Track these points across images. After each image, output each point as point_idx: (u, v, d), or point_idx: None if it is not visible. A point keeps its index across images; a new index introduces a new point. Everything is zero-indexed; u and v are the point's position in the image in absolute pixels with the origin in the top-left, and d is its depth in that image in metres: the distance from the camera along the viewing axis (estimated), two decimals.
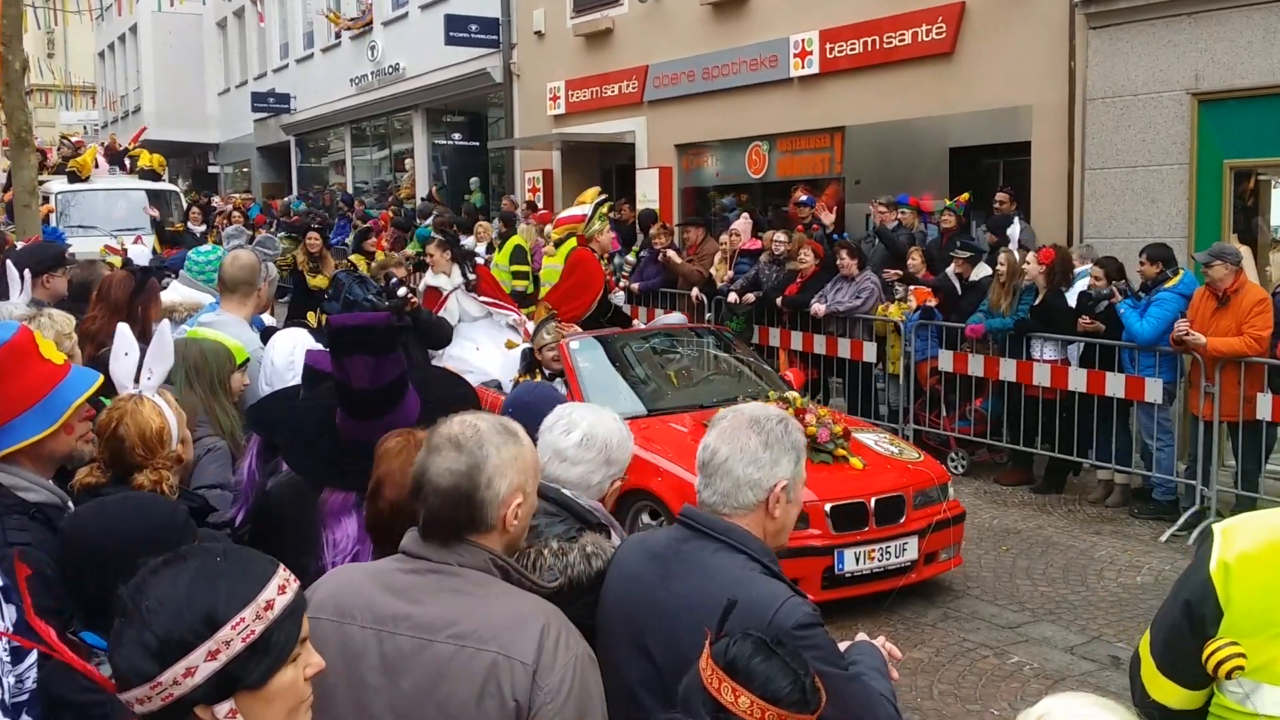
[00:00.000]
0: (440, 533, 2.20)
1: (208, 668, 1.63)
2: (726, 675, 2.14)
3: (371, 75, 25.66)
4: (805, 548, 6.45)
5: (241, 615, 1.66)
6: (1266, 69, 9.40)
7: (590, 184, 19.09)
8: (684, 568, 2.53)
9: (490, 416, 2.29)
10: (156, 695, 1.62)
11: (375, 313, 3.40)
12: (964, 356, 9.68)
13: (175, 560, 1.71)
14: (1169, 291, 8.47)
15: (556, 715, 2.06)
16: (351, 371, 2.95)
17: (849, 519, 6.70)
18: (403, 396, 3.01)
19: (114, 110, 43.22)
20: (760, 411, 2.62)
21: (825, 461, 6.93)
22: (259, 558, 1.78)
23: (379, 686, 2.12)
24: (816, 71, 13.99)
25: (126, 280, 5.26)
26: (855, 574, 6.71)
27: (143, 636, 1.62)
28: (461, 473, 2.18)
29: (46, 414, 2.92)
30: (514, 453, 2.23)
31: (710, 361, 9.19)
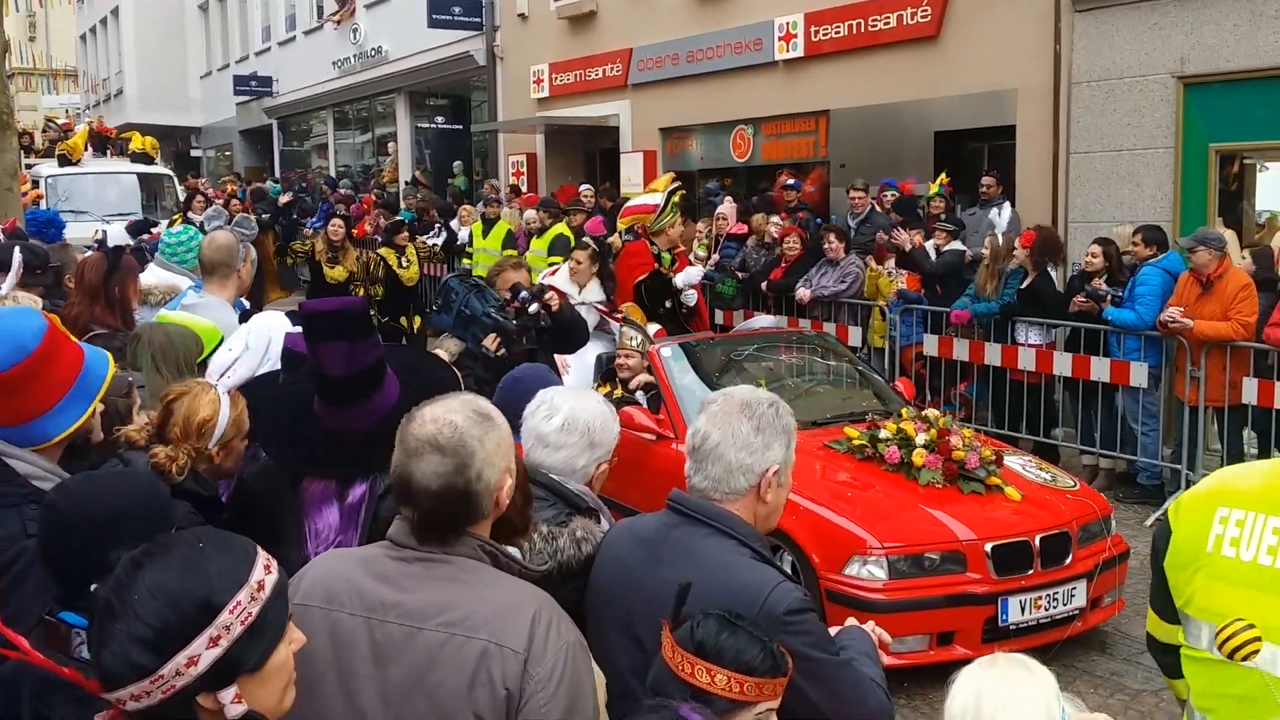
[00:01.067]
0: (438, 532, 2.17)
1: (210, 655, 1.61)
2: (698, 657, 2.15)
3: (354, 58, 25.49)
4: (964, 595, 5.58)
5: (237, 599, 1.65)
6: (1252, 52, 9.41)
7: (573, 167, 19.13)
8: (673, 553, 2.52)
9: (460, 404, 2.23)
10: (157, 689, 1.60)
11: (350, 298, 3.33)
12: (949, 341, 9.68)
13: (157, 551, 1.69)
14: (1152, 267, 8.49)
15: (548, 704, 2.03)
16: (326, 358, 2.88)
17: (1011, 561, 5.73)
18: (381, 382, 2.95)
19: (96, 94, 42.88)
20: (751, 395, 2.61)
21: (977, 492, 6.07)
22: (238, 539, 1.77)
23: (368, 674, 2.10)
24: (801, 55, 13.95)
25: (99, 262, 5.19)
26: (1020, 625, 5.72)
27: (135, 630, 1.59)
28: (450, 473, 2.13)
29: (83, 396, 2.97)
30: (495, 439, 2.20)
31: (818, 371, 8.25)
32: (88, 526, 2.34)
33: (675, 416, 6.94)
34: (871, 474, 6.26)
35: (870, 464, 6.33)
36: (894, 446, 6.28)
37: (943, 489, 6.09)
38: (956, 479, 6.11)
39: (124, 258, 5.28)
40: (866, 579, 5.56)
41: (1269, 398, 7.81)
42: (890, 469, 6.24)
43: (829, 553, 5.70)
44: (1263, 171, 10.28)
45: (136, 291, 5.25)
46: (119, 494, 2.45)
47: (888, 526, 5.75)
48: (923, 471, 6.14)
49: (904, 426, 6.38)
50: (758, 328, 9.14)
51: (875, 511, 5.93)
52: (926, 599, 5.53)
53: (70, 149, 18.77)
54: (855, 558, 5.61)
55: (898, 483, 6.16)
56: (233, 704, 1.64)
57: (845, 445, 6.48)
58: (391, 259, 12.27)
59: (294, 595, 2.17)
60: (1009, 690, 2.04)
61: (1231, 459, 8.24)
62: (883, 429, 6.45)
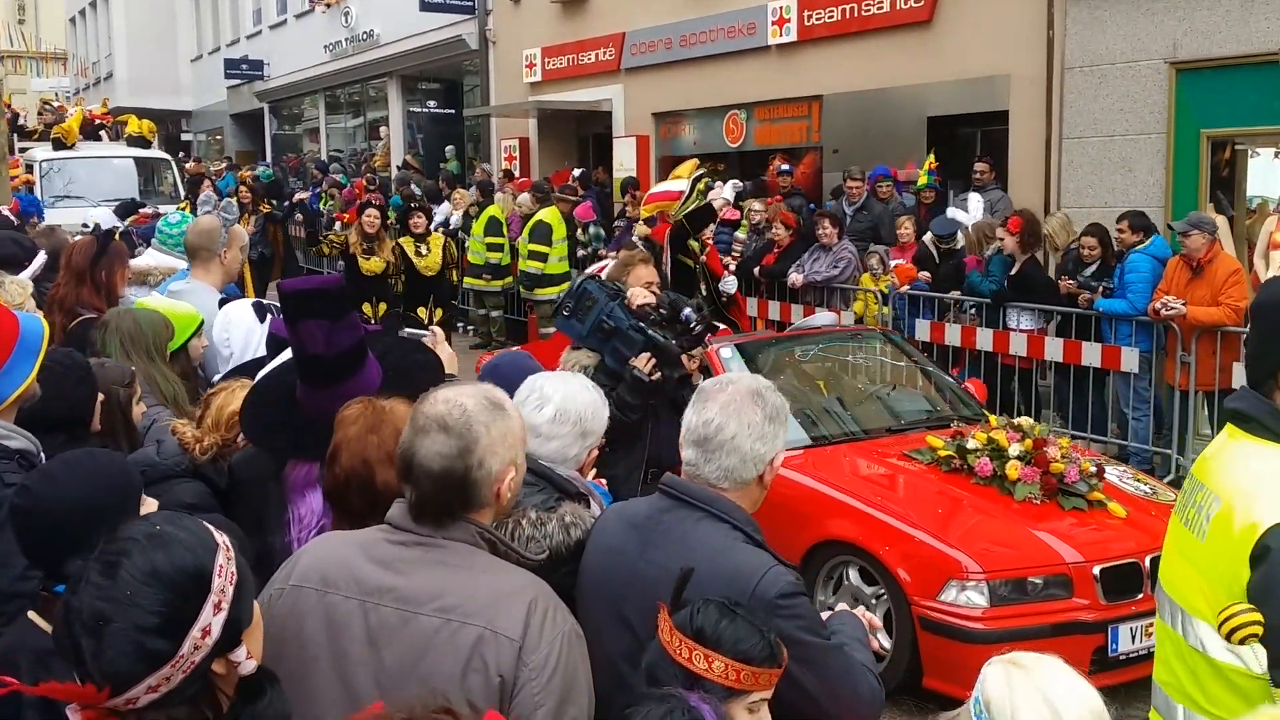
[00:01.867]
0: (434, 514, 2.17)
1: (219, 620, 1.64)
2: (696, 643, 2.15)
3: (345, 42, 25.36)
4: (1072, 624, 5.12)
5: (219, 561, 1.68)
6: (1245, 38, 9.40)
7: (566, 152, 19.07)
8: (665, 538, 2.51)
9: (475, 390, 2.24)
10: (178, 670, 1.61)
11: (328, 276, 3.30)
12: (941, 326, 9.68)
13: (123, 545, 1.67)
14: (1140, 254, 8.50)
15: (541, 691, 2.03)
16: (305, 337, 2.88)
17: (1120, 585, 5.27)
18: (362, 364, 2.94)
19: (86, 77, 42.62)
20: (756, 382, 2.60)
21: (1079, 508, 5.58)
22: (178, 515, 1.80)
23: (362, 658, 2.10)
24: (794, 39, 13.90)
25: (89, 245, 5.20)
26: (1130, 655, 5.21)
27: (140, 621, 1.59)
28: (453, 455, 2.14)
29: (26, 356, 3.01)
30: (503, 429, 2.19)
31: (885, 371, 7.78)
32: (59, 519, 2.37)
33: None
34: (961, 488, 5.77)
35: (957, 476, 5.85)
36: (985, 458, 5.78)
37: (1041, 505, 5.59)
38: (1056, 494, 5.63)
39: (113, 243, 5.28)
40: (965, 605, 5.11)
41: None
42: (981, 482, 5.75)
43: (922, 577, 5.24)
44: (1254, 157, 10.27)
45: (124, 277, 5.25)
46: (81, 482, 2.47)
47: (987, 548, 5.29)
48: (1019, 486, 5.64)
49: (995, 436, 5.90)
50: (817, 325, 8.34)
51: (972, 531, 5.48)
52: (1031, 628, 4.99)
53: (65, 132, 18.34)
54: (952, 583, 5.15)
55: (991, 498, 5.68)
56: (247, 660, 1.69)
57: (929, 455, 5.99)
58: (409, 248, 11.55)
59: (290, 578, 2.20)
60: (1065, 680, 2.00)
61: None
62: (970, 438, 5.95)
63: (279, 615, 2.15)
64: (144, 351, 4.10)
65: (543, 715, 2.03)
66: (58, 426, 3.21)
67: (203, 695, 1.67)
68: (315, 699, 2.10)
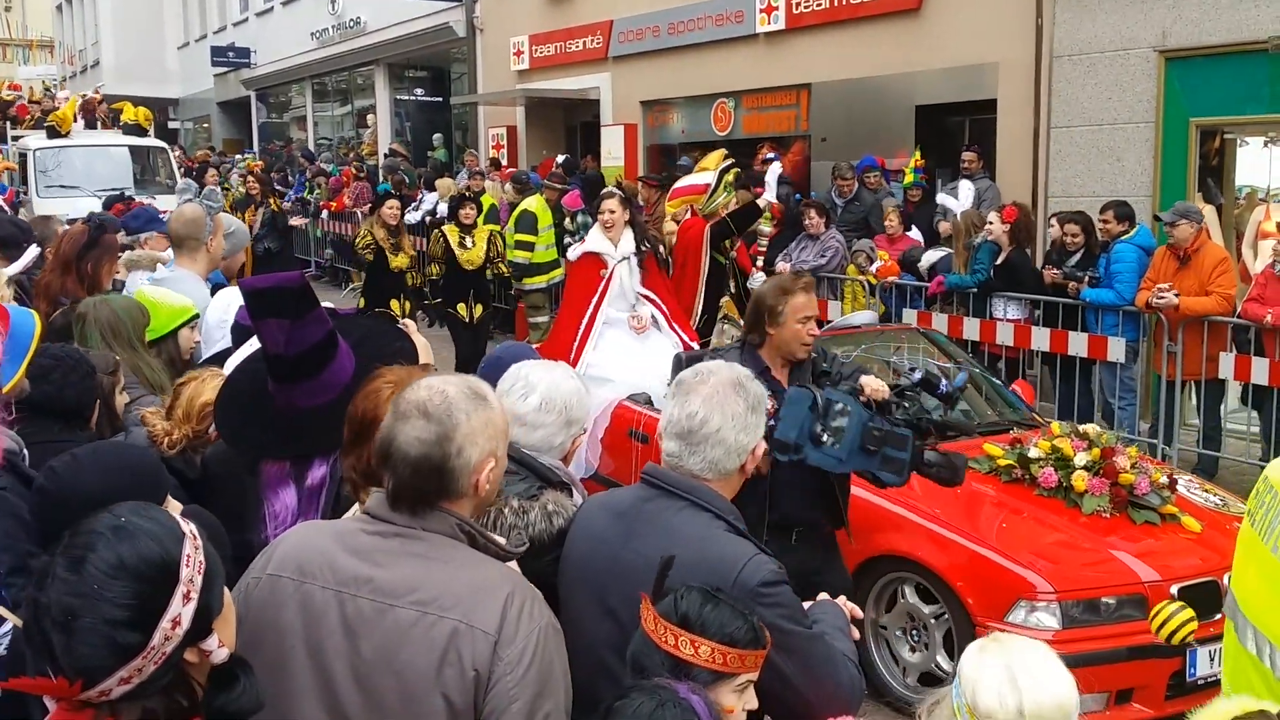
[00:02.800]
0: (411, 502, 2.16)
1: (189, 610, 1.64)
2: (682, 629, 2.16)
3: (332, 29, 25.26)
4: (1149, 646, 4.56)
5: (185, 551, 1.67)
6: (1234, 26, 9.38)
7: (553, 140, 19.02)
8: (647, 526, 2.51)
9: (459, 379, 2.23)
10: (149, 661, 1.60)
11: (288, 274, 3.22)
12: (928, 316, 9.68)
13: (86, 538, 1.66)
14: (1126, 244, 8.50)
15: (516, 686, 2.02)
16: (266, 336, 2.83)
17: (1199, 605, 4.86)
18: (331, 357, 2.89)
19: (73, 65, 42.43)
20: (734, 371, 2.61)
21: (1151, 522, 5.25)
22: (141, 504, 1.78)
23: (339, 649, 2.08)
24: (783, 27, 13.86)
25: (79, 235, 5.18)
26: (1209, 679, 4.86)
27: (111, 615, 1.58)
28: (431, 441, 2.12)
29: (15, 354, 2.96)
30: (484, 418, 2.17)
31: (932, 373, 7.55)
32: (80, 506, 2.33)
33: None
34: (1024, 500, 5.43)
35: (1018, 487, 5.51)
36: (1050, 468, 5.44)
37: (1110, 519, 5.27)
38: (1126, 507, 5.29)
39: (105, 235, 5.26)
40: (1035, 628, 4.75)
41: (1245, 372, 7.84)
42: (1045, 494, 5.41)
43: (989, 597, 4.91)
44: (1243, 146, 10.27)
45: (112, 270, 5.23)
46: (109, 473, 2.46)
47: (1058, 566, 4.97)
48: (1086, 498, 5.31)
49: (1059, 444, 5.56)
50: (856, 324, 7.80)
51: (1041, 548, 5.12)
52: (1105, 651, 4.71)
53: (59, 120, 17.89)
54: (1021, 603, 4.84)
55: (1056, 510, 5.35)
56: (219, 649, 1.68)
57: (987, 464, 5.61)
58: (453, 237, 10.75)
59: (267, 566, 2.19)
60: (1039, 662, 2.04)
61: (1209, 433, 8.28)
62: (1033, 446, 5.60)
63: (256, 604, 2.14)
64: (125, 341, 4.09)
65: (518, 709, 2.02)
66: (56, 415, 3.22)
67: (176, 684, 1.66)
68: (292, 688, 2.09)
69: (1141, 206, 9.50)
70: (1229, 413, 8.74)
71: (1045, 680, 2.01)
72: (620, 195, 8.40)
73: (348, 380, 2.86)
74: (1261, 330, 7.74)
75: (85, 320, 4.10)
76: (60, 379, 3.20)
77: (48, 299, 4.91)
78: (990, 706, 2.00)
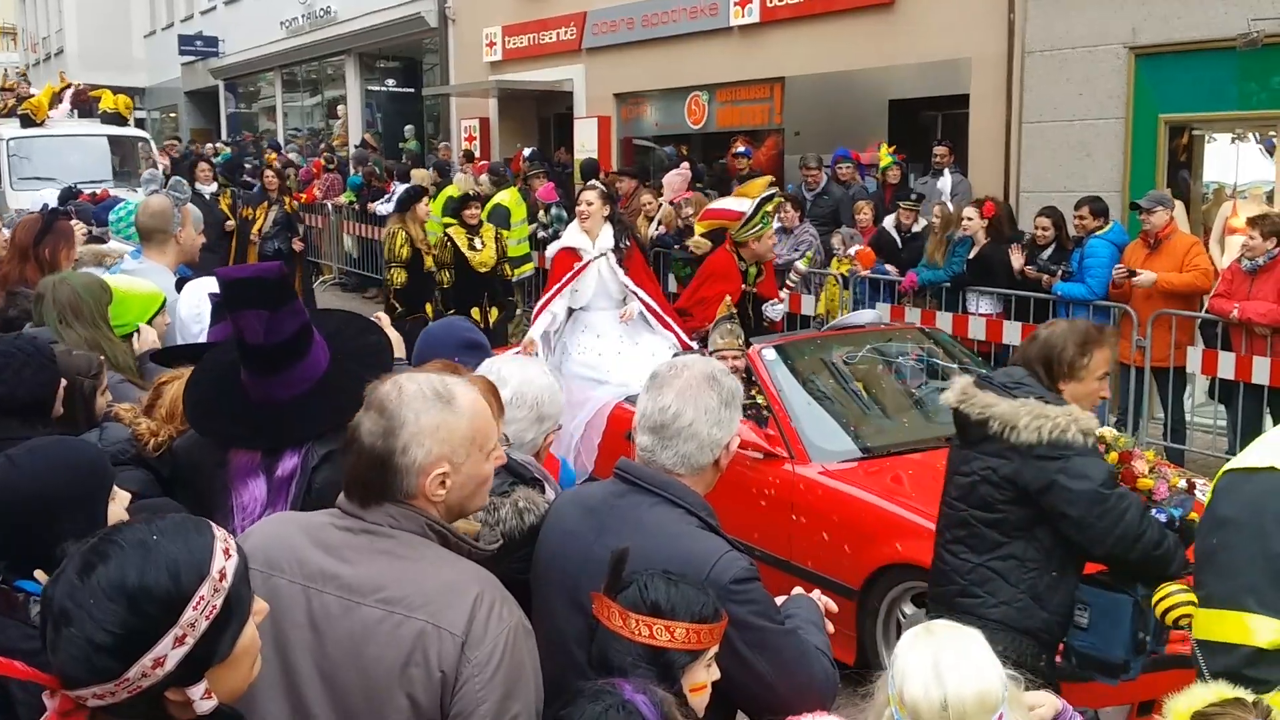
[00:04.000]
0: (359, 494, 2.14)
1: (177, 654, 1.55)
2: (654, 617, 2.16)
3: (302, 18, 25.05)
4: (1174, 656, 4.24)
5: (200, 593, 1.57)
6: (1204, 23, 9.45)
7: (526, 132, 18.94)
8: (619, 522, 2.49)
9: (427, 379, 2.19)
10: (123, 690, 1.53)
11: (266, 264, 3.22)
12: (901, 310, 9.70)
13: (107, 546, 1.57)
14: (1099, 239, 8.57)
15: (484, 688, 2.00)
16: (244, 327, 2.81)
17: None
18: (307, 349, 2.87)
19: (35, 52, 41.93)
20: (709, 365, 2.59)
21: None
22: (194, 523, 1.66)
23: (304, 643, 2.07)
24: (757, 21, 13.87)
25: (33, 222, 5.12)
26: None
27: (94, 636, 1.51)
28: (377, 435, 2.11)
29: None
30: (437, 420, 2.12)
31: (939, 375, 6.94)
32: (23, 507, 2.32)
33: (788, 432, 5.80)
34: None
35: None
36: None
37: None
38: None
39: (59, 221, 5.19)
40: None
41: (1212, 366, 7.91)
42: None
43: None
44: (1211, 143, 10.36)
45: (70, 256, 5.16)
46: (47, 471, 2.41)
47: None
48: None
49: None
50: (861, 324, 7.39)
51: None
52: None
53: (34, 108, 17.00)
54: None
55: None
56: (202, 700, 1.58)
57: None
58: (460, 239, 10.15)
59: None
60: (963, 654, 2.05)
61: (1174, 426, 8.34)
62: None
63: None
64: (88, 320, 4.01)
65: (485, 710, 2.00)
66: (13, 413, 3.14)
67: (156, 715, 1.60)
68: (254, 683, 2.03)
69: (1111, 202, 9.55)
70: (1196, 406, 8.81)
71: (969, 672, 2.02)
72: (600, 189, 8.17)
73: (322, 372, 2.84)
74: (1228, 325, 7.81)
75: (43, 300, 4.02)
76: (12, 376, 3.12)
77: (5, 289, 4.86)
78: (915, 697, 2.01)
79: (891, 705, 2.07)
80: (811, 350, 6.78)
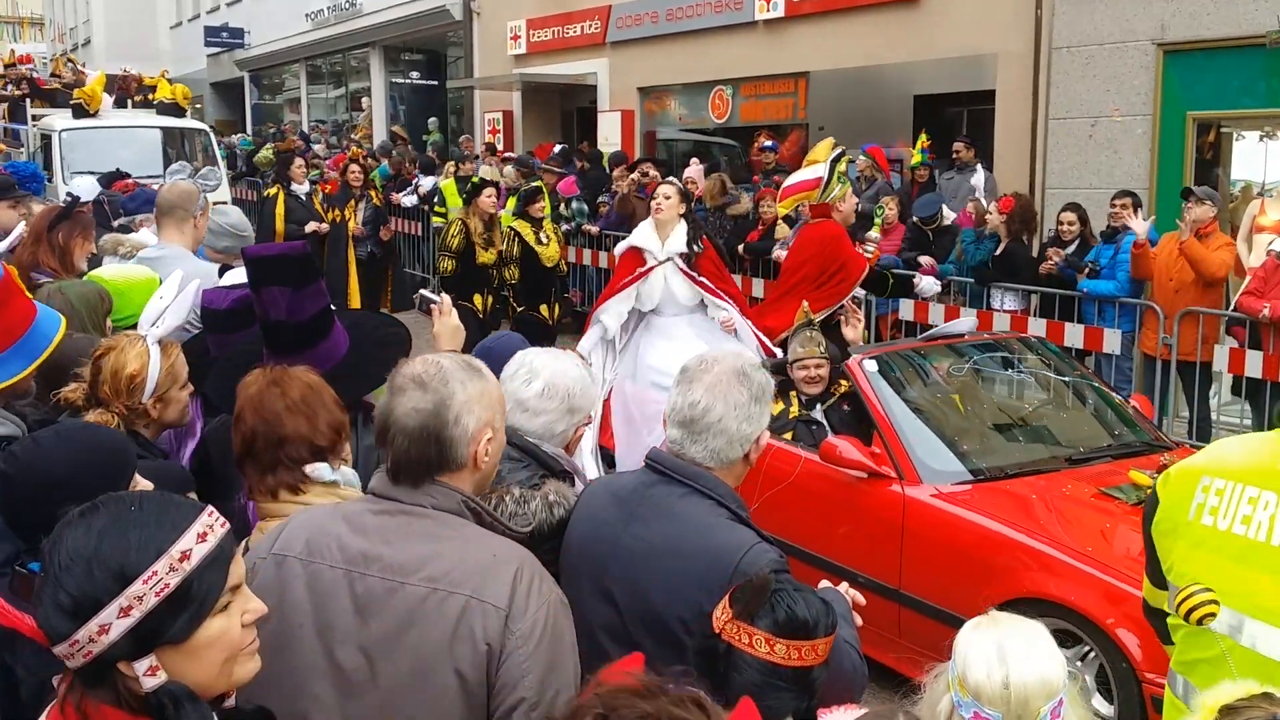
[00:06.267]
0: (411, 474, 2.17)
1: (121, 624, 1.57)
2: (802, 639, 2.12)
3: (328, 10, 25.12)
4: None
5: (154, 568, 1.59)
6: (1232, 20, 9.39)
7: (550, 126, 18.94)
8: (651, 511, 2.51)
9: (453, 355, 2.26)
10: (77, 652, 1.58)
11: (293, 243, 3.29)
12: (925, 306, 9.67)
13: (89, 512, 1.64)
14: (1131, 235, 8.52)
15: (528, 659, 2.04)
16: (269, 303, 2.89)
17: None
18: (328, 332, 2.94)
19: (63, 43, 42.16)
20: (739, 361, 2.60)
21: None
22: (179, 504, 1.70)
23: (348, 628, 2.10)
24: (781, 15, 13.84)
25: (52, 209, 5.18)
26: None
27: (58, 596, 1.57)
28: (428, 411, 2.15)
29: (26, 352, 2.95)
30: (480, 388, 2.21)
31: (1051, 386, 6.43)
32: (39, 489, 2.34)
33: (896, 450, 5.31)
34: None
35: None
36: None
37: None
38: None
39: (76, 210, 5.23)
40: None
41: (1240, 365, 7.87)
42: None
43: (1159, 650, 4.12)
44: (1239, 140, 10.29)
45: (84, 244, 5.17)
46: (67, 455, 2.43)
47: None
48: None
49: None
50: (959, 332, 6.66)
51: None
52: None
53: (88, 97, 15.94)
54: None
55: None
56: (146, 675, 1.59)
57: (1134, 494, 4.91)
58: (527, 234, 9.84)
59: (273, 547, 2.20)
60: (1029, 641, 2.08)
61: (1200, 424, 8.30)
62: None
63: (260, 586, 2.12)
64: (79, 328, 4.01)
65: (529, 682, 2.03)
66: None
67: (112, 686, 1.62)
68: (298, 668, 2.10)
69: None
70: (1222, 405, 8.76)
71: (1033, 656, 2.05)
72: (677, 184, 7.59)
73: (340, 354, 2.89)
74: (1258, 324, 7.76)
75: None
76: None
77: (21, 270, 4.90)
78: (978, 679, 2.04)
79: (952, 690, 2.10)
80: (913, 362, 6.25)
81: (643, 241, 7.10)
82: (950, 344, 6.41)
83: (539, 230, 9.96)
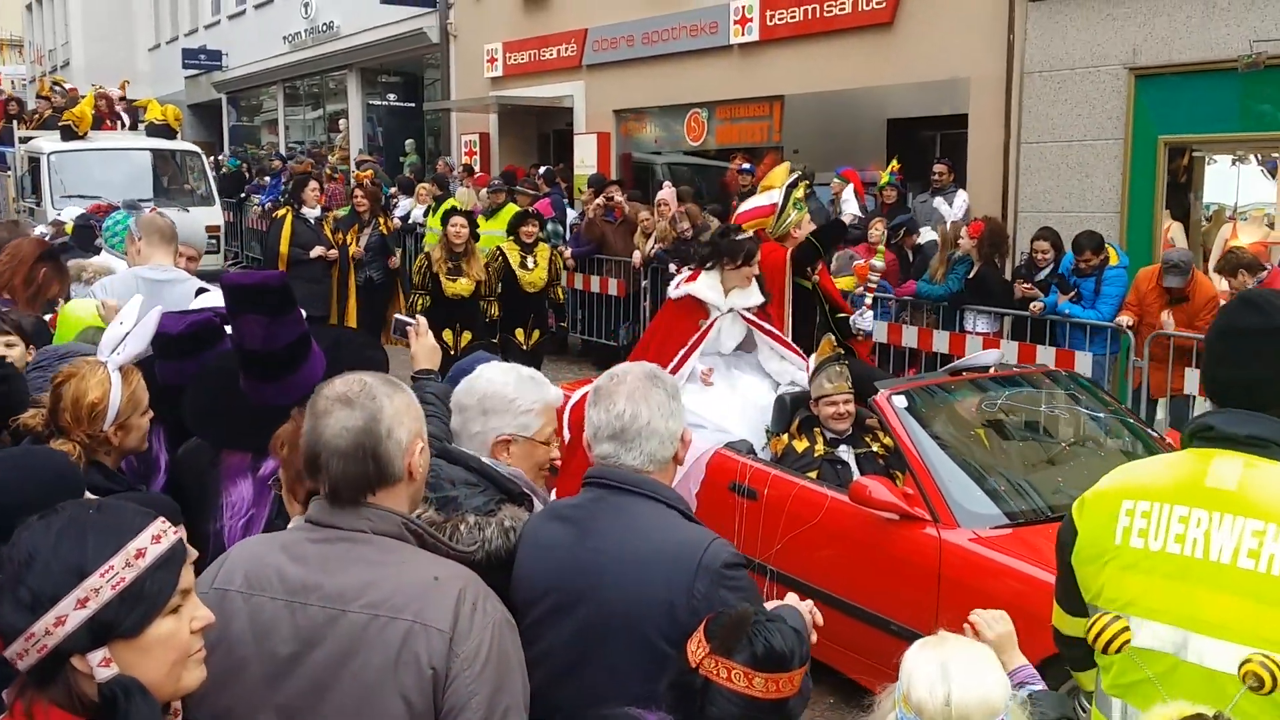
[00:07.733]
0: (350, 495, 2.15)
1: (78, 616, 1.63)
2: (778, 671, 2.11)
3: (305, 33, 25.15)
4: None
5: (110, 563, 1.66)
6: (1204, 45, 9.46)
7: (526, 148, 18.96)
8: (605, 523, 2.54)
9: (369, 372, 2.25)
10: (32, 647, 1.62)
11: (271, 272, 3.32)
12: (898, 328, 9.68)
13: (49, 514, 1.72)
14: (1116, 269, 8.62)
15: (474, 681, 2.02)
16: (245, 331, 2.90)
17: None
18: (305, 358, 2.93)
19: (42, 64, 42.09)
20: (644, 367, 2.70)
21: None
22: (133, 510, 1.77)
23: (292, 657, 2.07)
24: (756, 39, 13.90)
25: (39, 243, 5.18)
26: None
27: (18, 592, 1.63)
28: (360, 428, 2.13)
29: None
30: (405, 399, 2.21)
31: (1088, 423, 6.05)
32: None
33: (930, 492, 5.03)
34: None
35: None
36: None
37: None
38: None
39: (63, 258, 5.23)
40: None
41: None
42: None
43: None
44: (1211, 164, 10.35)
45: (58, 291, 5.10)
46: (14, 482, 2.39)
47: None
48: None
49: None
50: (987, 364, 6.32)
51: None
52: None
53: (77, 119, 15.70)
54: None
55: None
56: (99, 666, 1.64)
57: None
58: (514, 256, 9.58)
59: (214, 581, 2.17)
60: (972, 660, 2.10)
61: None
62: None
63: None
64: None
65: (476, 704, 2.02)
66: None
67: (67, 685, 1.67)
68: (244, 701, 2.07)
69: (1110, 222, 9.56)
70: None
71: (976, 676, 2.06)
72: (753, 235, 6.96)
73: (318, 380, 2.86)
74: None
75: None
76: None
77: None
78: (921, 697, 2.05)
79: (897, 708, 2.10)
80: (944, 397, 5.90)
81: (705, 294, 6.67)
82: (976, 378, 6.06)
83: (527, 255, 9.69)
